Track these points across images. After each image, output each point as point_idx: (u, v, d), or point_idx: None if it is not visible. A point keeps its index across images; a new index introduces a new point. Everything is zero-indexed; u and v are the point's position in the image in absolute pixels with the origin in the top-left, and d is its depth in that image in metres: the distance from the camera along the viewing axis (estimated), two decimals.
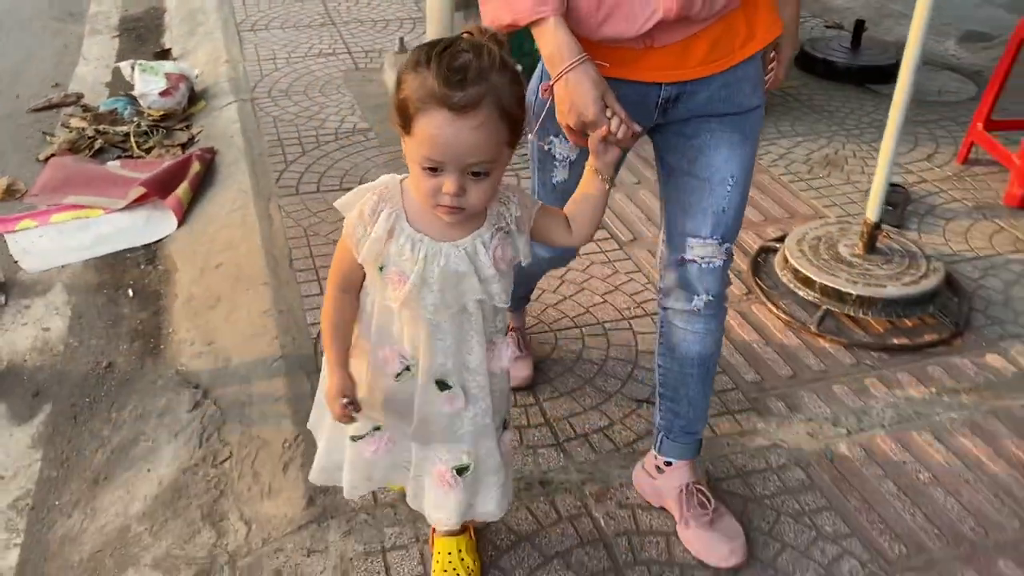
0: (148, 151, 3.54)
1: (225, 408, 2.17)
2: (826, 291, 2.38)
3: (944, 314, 2.40)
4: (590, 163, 1.41)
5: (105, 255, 2.88)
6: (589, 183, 1.41)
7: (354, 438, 1.52)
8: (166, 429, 2.14)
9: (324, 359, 1.45)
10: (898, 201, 2.89)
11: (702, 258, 1.63)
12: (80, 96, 4.00)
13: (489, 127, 1.21)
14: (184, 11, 5.00)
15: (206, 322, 2.50)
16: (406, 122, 1.23)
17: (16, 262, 2.83)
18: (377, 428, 1.52)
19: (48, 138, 3.63)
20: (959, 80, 4.09)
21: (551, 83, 1.43)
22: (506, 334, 1.50)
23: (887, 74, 3.88)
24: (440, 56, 1.20)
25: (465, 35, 1.25)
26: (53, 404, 2.27)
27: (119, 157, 3.51)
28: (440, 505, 1.54)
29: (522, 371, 2.15)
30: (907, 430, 2.05)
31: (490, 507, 1.57)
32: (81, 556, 1.84)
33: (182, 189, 3.14)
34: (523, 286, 2.12)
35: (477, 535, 1.74)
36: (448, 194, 1.24)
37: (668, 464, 1.82)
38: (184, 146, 3.56)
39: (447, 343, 1.41)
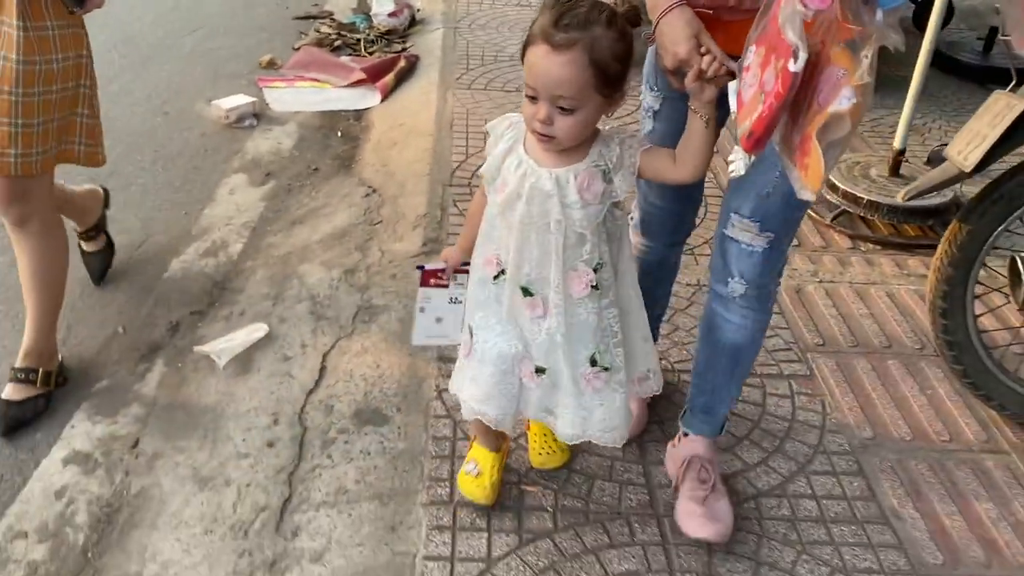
0: (371, 53, 4.62)
1: (386, 198, 3.12)
2: (846, 195, 2.99)
3: (943, 228, 2.94)
4: (691, 103, 1.47)
5: (327, 111, 3.96)
6: (690, 123, 1.49)
7: (454, 299, 1.80)
8: (344, 203, 3.13)
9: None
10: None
11: (743, 240, 1.63)
12: (331, 13, 5.17)
13: (577, 68, 1.38)
14: None
15: (385, 155, 3.48)
16: (523, 52, 1.44)
17: (268, 104, 3.96)
18: (470, 329, 1.71)
19: (303, 35, 4.81)
20: None
21: (652, 30, 1.49)
22: (593, 267, 1.57)
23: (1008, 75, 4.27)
24: (562, 2, 1.40)
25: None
26: (276, 181, 3.32)
27: (350, 54, 4.61)
28: (527, 399, 1.69)
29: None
30: (867, 287, 2.67)
31: (565, 428, 1.68)
32: (278, 254, 2.84)
33: (389, 77, 4.17)
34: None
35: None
36: (538, 120, 1.43)
37: (685, 435, 1.88)
38: (398, 53, 4.62)
39: (533, 254, 1.57)
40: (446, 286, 1.78)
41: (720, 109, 1.47)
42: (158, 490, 1.94)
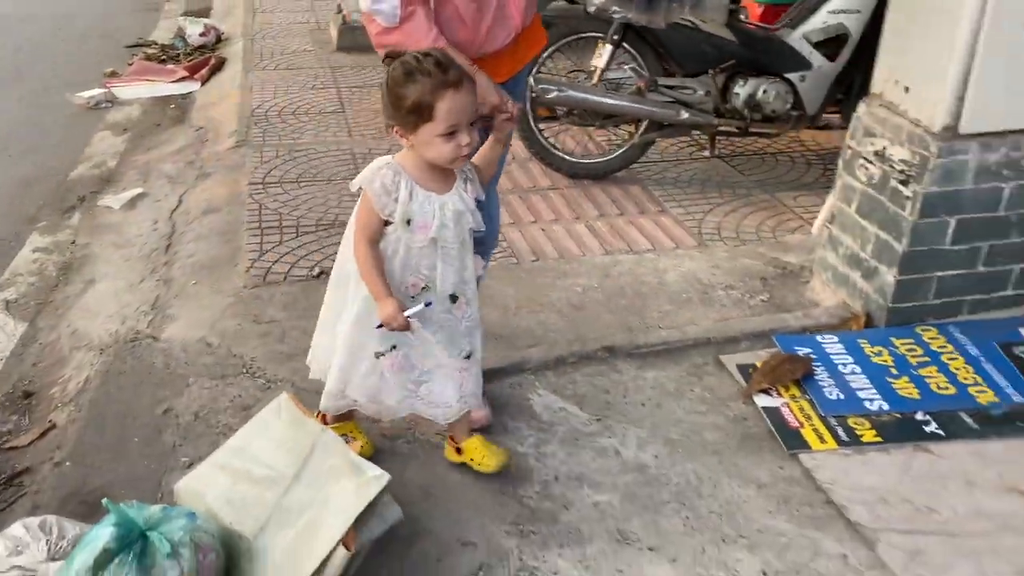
0: (190, 62, 6.23)
1: (209, 130, 4.74)
2: None
3: None
4: (493, 134, 1.99)
5: (161, 96, 5.53)
6: (492, 147, 2.01)
7: (378, 354, 1.96)
8: (182, 136, 4.72)
9: (359, 299, 1.94)
10: None
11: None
12: (155, 40, 6.74)
13: (471, 87, 1.81)
14: (225, 2, 7.80)
15: (207, 112, 5.10)
16: (425, 115, 1.76)
17: (115, 96, 5.50)
18: (394, 347, 1.96)
19: (135, 56, 6.35)
20: None
21: None
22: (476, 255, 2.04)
23: None
24: (422, 63, 1.76)
25: (413, 55, 1.80)
26: (132, 132, 4.87)
27: (174, 65, 6.21)
28: (451, 401, 2.04)
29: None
30: None
31: (477, 390, 2.09)
32: (142, 161, 4.41)
33: (204, 71, 5.80)
34: None
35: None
36: (468, 145, 1.80)
37: None
38: (209, 55, 6.25)
39: (455, 265, 1.93)
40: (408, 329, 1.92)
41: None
42: (93, 249, 3.51)
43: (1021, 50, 2.42)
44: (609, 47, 3.76)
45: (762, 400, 2.46)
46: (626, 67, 3.87)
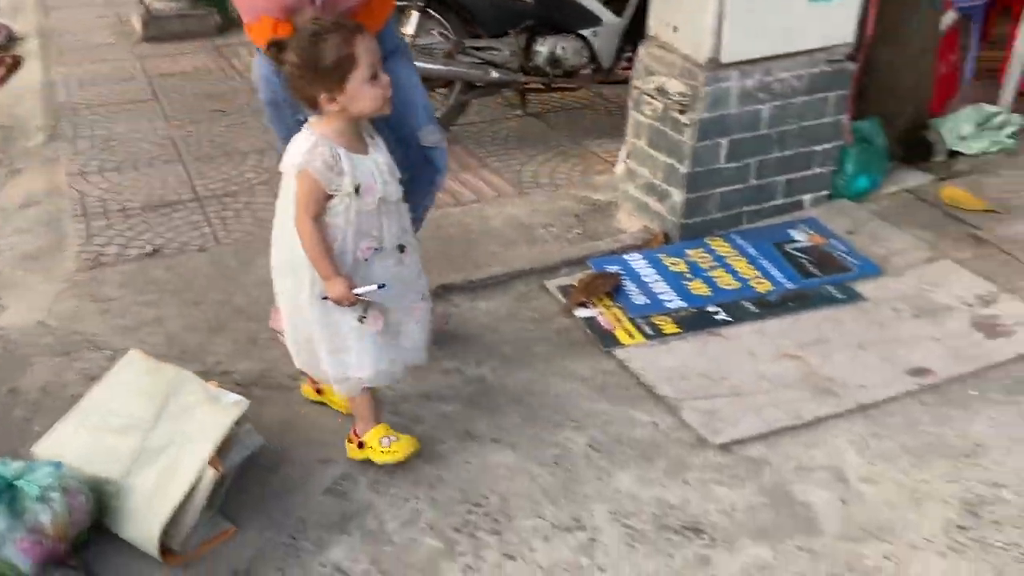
0: None
1: (8, 118, 4.59)
2: None
3: None
4: None
5: None
6: None
7: (361, 319, 1.98)
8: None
9: (311, 283, 1.94)
10: None
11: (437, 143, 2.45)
12: None
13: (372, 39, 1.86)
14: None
15: (14, 111, 4.90)
16: (348, 64, 1.80)
17: None
18: (367, 308, 1.98)
19: None
20: None
21: None
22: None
23: None
24: (322, 24, 1.84)
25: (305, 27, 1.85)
26: None
27: None
28: (422, 341, 2.12)
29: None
30: None
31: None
32: None
33: (1, 72, 5.55)
34: None
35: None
36: (388, 85, 1.87)
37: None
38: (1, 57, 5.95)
39: (396, 216, 2.00)
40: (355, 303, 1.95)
41: None
42: None
43: None
44: (416, 14, 3.96)
45: (581, 312, 2.77)
46: (434, 32, 4.10)
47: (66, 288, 2.98)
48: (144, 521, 1.88)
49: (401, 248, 2.02)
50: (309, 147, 1.86)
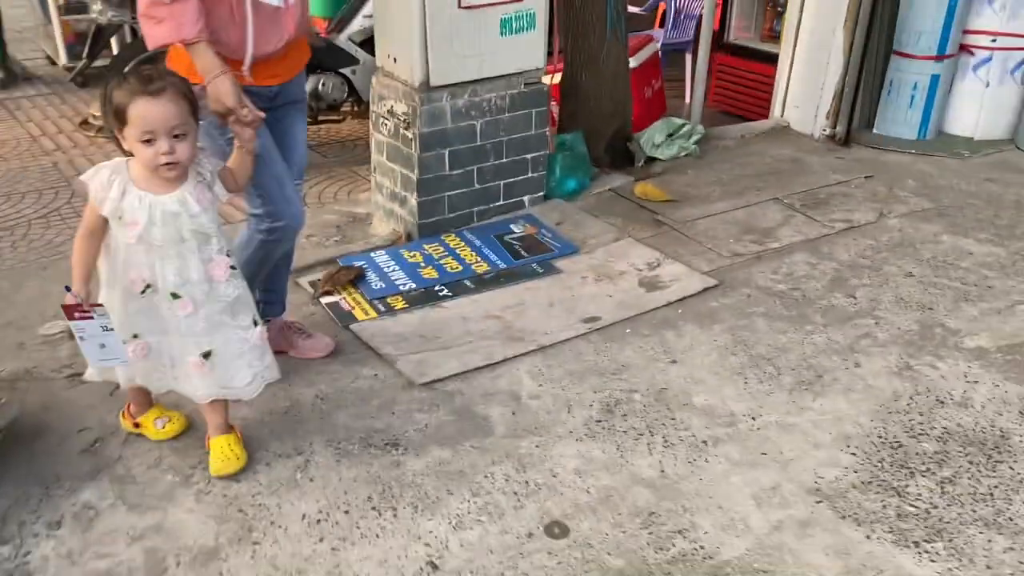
0: None
1: None
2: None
3: None
4: (237, 144, 2.15)
5: None
6: (237, 151, 2.16)
7: (123, 340, 2.11)
8: None
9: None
10: None
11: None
12: None
13: (177, 103, 1.93)
14: None
15: None
16: (121, 119, 1.90)
17: None
18: (136, 335, 2.13)
19: None
20: None
21: (203, 85, 2.12)
22: (224, 254, 2.13)
23: None
24: (128, 77, 1.92)
25: (144, 68, 2.00)
26: None
27: None
28: (199, 385, 2.17)
29: (322, 342, 2.86)
30: None
31: (241, 384, 2.21)
32: None
33: None
34: (262, 283, 2.71)
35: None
36: (163, 154, 1.91)
37: (267, 320, 2.61)
38: None
39: (175, 265, 2.05)
40: (91, 318, 2.04)
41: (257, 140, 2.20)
42: None
43: (449, 31, 3.41)
44: None
45: (326, 300, 3.22)
46: None
47: None
48: None
49: (175, 295, 2.10)
50: (100, 166, 2.04)
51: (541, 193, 3.94)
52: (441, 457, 2.38)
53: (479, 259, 3.48)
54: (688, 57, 5.88)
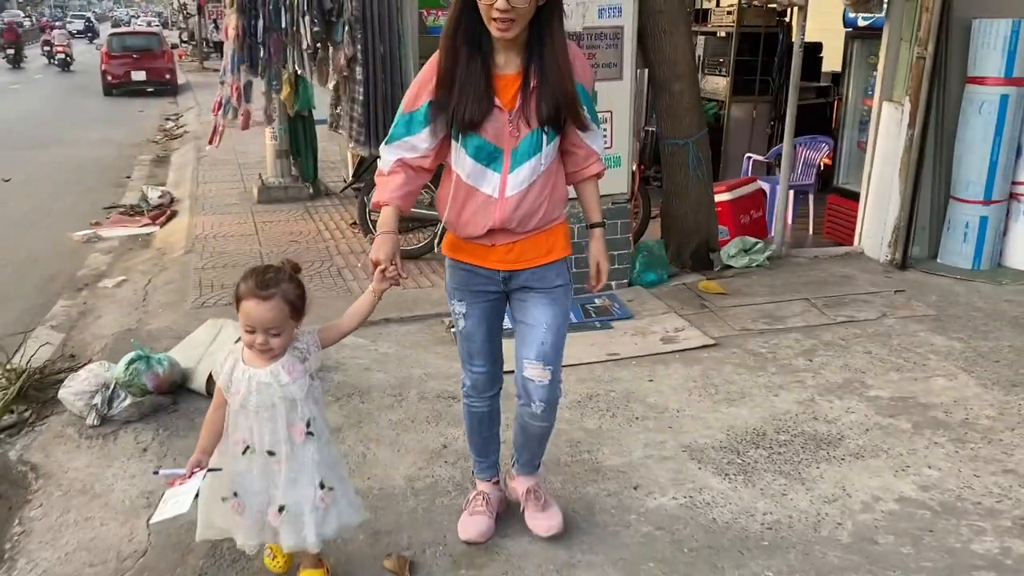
0: (151, 216, 8.82)
1: (168, 246, 7.27)
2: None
3: None
4: (371, 288, 2.42)
5: (131, 235, 8.05)
6: (366, 297, 2.44)
7: (224, 499, 2.45)
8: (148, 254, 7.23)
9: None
10: None
11: (534, 376, 2.59)
12: (124, 204, 9.33)
13: (277, 309, 2.26)
14: (176, 175, 10.54)
15: (168, 239, 7.63)
16: (237, 306, 2.27)
17: (101, 235, 8.01)
18: (235, 494, 2.44)
19: (108, 214, 8.92)
20: None
21: (375, 234, 2.47)
22: (304, 420, 2.40)
23: None
24: (255, 273, 2.29)
25: (277, 263, 2.34)
26: (118, 244, 7.38)
27: (139, 216, 8.77)
28: (284, 534, 2.45)
29: (481, 526, 2.86)
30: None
31: (310, 539, 2.42)
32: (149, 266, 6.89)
33: (162, 220, 8.40)
34: (483, 447, 2.94)
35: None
36: (261, 345, 2.29)
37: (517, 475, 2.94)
38: (166, 209, 8.84)
39: (269, 427, 2.38)
40: (188, 478, 2.39)
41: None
42: (98, 304, 5.90)
43: None
44: None
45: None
46: None
47: (187, 315, 5.37)
48: (200, 379, 4.12)
49: (271, 453, 2.41)
50: (227, 353, 2.45)
51: (626, 280, 5.43)
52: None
53: None
54: (811, 197, 7.12)
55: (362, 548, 2.85)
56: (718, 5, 10.18)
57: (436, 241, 5.87)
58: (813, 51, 8.78)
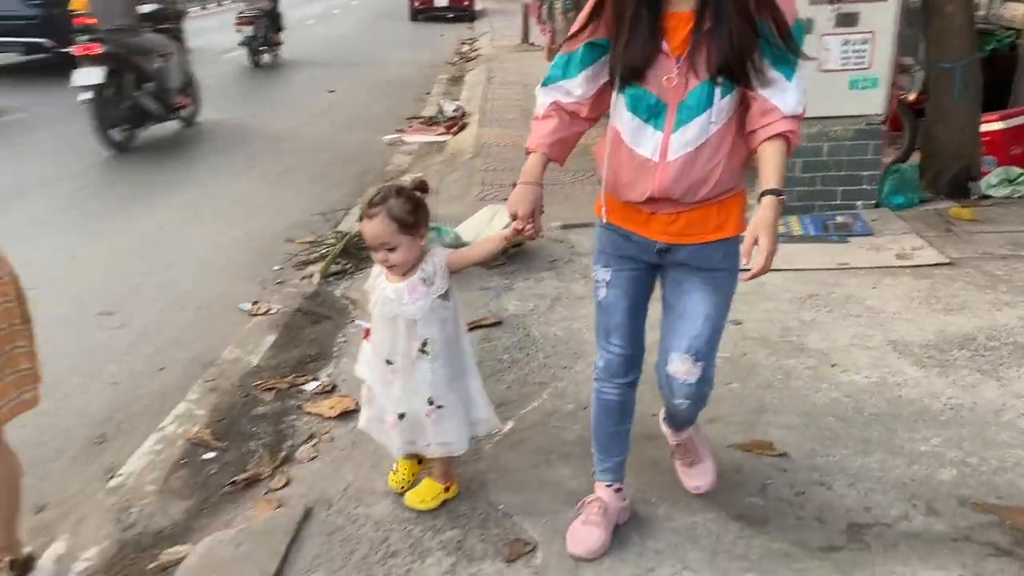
0: (447, 126, 10.02)
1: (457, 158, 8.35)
2: None
3: None
4: (504, 233, 2.37)
5: (428, 142, 9.27)
6: (494, 239, 2.47)
7: (370, 388, 2.69)
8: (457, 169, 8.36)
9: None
10: None
11: (679, 373, 2.26)
12: (424, 115, 10.64)
13: (383, 225, 2.36)
14: (468, 92, 11.74)
15: (458, 147, 8.74)
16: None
17: (404, 140, 9.32)
18: (372, 389, 2.66)
19: (411, 123, 10.24)
20: None
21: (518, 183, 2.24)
22: (421, 340, 2.48)
23: None
24: (381, 192, 2.42)
25: (404, 181, 2.96)
26: (417, 149, 8.59)
27: (436, 125, 10.01)
28: (398, 439, 2.62)
29: (592, 541, 2.46)
30: None
31: (420, 443, 2.62)
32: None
33: (455, 129, 9.55)
34: (608, 444, 2.53)
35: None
36: (383, 261, 2.43)
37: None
38: (459, 120, 9.99)
39: (389, 335, 2.53)
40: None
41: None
42: None
43: (808, 84, 5.33)
44: None
45: None
46: None
47: (474, 199, 6.35)
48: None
49: (388, 362, 2.57)
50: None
51: (873, 201, 5.57)
52: None
53: (801, 228, 5.34)
54: None
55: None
56: None
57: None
58: None
